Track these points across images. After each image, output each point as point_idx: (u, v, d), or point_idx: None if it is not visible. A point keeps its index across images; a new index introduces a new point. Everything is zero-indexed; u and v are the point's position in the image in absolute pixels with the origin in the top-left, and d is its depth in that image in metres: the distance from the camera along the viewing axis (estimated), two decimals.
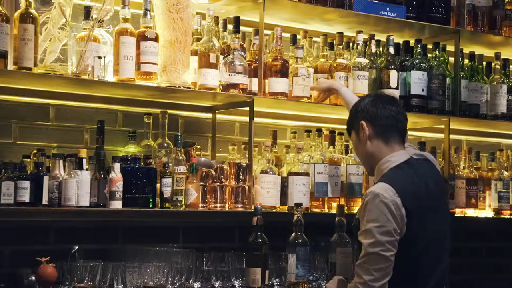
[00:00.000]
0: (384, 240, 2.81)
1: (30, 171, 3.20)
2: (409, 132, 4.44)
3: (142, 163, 3.35)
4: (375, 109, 3.05)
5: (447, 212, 3.16)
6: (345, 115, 4.05)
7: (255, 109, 3.64)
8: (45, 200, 3.12)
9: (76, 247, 3.25)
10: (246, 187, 3.58)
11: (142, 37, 3.34)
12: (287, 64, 3.71)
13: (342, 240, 3.54)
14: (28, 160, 3.25)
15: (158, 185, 3.36)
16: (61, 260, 3.19)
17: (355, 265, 2.91)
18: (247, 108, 3.63)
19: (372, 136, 3.04)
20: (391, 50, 4.07)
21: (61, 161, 3.18)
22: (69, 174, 3.15)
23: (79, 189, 3.15)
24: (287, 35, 3.91)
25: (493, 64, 4.48)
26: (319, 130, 3.94)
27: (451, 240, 3.08)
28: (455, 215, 4.18)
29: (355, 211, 3.89)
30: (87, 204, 3.18)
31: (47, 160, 3.24)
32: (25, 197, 3.08)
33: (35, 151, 3.26)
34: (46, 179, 3.13)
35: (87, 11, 3.25)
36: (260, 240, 3.41)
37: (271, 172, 3.67)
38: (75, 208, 3.14)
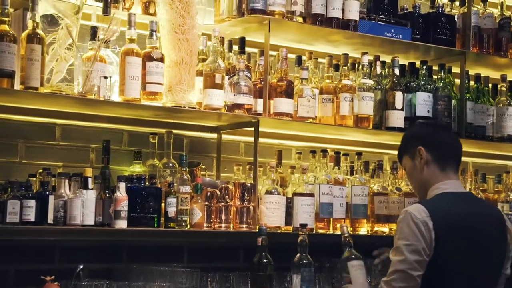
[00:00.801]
0: (413, 259, 2.80)
1: (36, 190, 3.21)
2: None
3: (147, 183, 3.36)
4: (433, 135, 3.05)
5: (499, 257, 2.95)
6: (350, 136, 4.09)
7: (260, 129, 3.65)
8: (50, 219, 3.13)
9: (81, 266, 3.25)
10: (251, 207, 3.58)
11: (148, 58, 3.36)
12: (292, 84, 3.73)
13: (351, 255, 3.50)
14: (34, 179, 3.26)
15: (163, 204, 3.37)
16: (66, 279, 3.20)
17: (382, 280, 2.89)
18: (252, 129, 3.65)
19: (430, 162, 3.00)
20: (397, 71, 4.08)
21: (67, 180, 3.19)
22: (75, 193, 3.16)
23: (84, 208, 3.16)
24: (292, 56, 3.93)
25: (499, 86, 4.49)
26: (324, 151, 3.95)
27: None
28: None
29: (361, 232, 3.90)
30: (92, 223, 3.19)
31: (53, 179, 3.26)
32: (31, 216, 3.08)
33: (41, 170, 3.28)
34: (51, 198, 3.14)
35: (94, 31, 3.28)
36: (265, 260, 3.41)
37: (276, 193, 3.68)
38: (80, 227, 3.15)
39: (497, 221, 2.99)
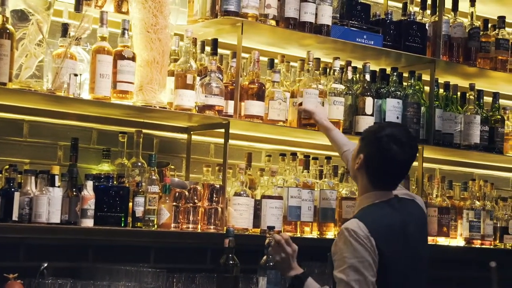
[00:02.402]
0: (370, 274, 2.76)
1: (1, 186, 3.17)
2: None
3: (115, 182, 3.35)
4: (382, 155, 2.86)
5: (426, 254, 3.01)
6: (319, 140, 4.11)
7: (231, 131, 3.65)
8: (15, 216, 3.09)
9: (45, 265, 3.22)
10: (219, 209, 3.58)
11: (119, 56, 3.35)
12: (263, 87, 3.74)
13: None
14: (0, 175, 3.23)
15: (130, 204, 3.36)
16: (30, 277, 3.17)
17: None
18: (223, 130, 3.65)
19: (364, 173, 2.92)
20: (367, 77, 4.11)
21: (33, 177, 3.16)
22: (41, 190, 3.13)
23: (50, 206, 3.13)
24: (264, 59, 3.94)
25: (467, 94, 4.54)
26: (293, 154, 3.97)
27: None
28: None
29: (328, 236, 3.91)
30: (58, 221, 3.16)
31: (19, 176, 3.22)
32: None
33: (7, 166, 3.24)
34: (17, 195, 3.10)
35: (65, 28, 3.25)
36: (231, 262, 3.40)
37: (244, 195, 3.68)
38: (46, 225, 3.12)
39: (421, 219, 3.04)
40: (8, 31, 3.08)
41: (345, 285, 2.76)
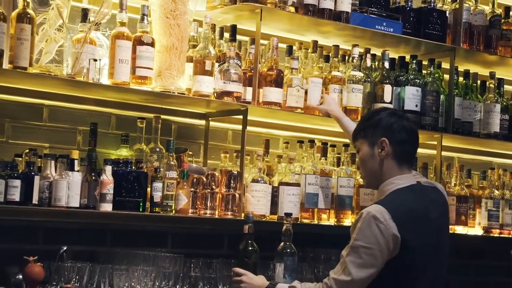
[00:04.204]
0: (368, 262, 2.77)
1: (22, 170, 3.20)
2: None
3: (133, 167, 3.37)
4: (400, 131, 2.94)
5: (447, 241, 3.02)
6: (338, 127, 4.09)
7: (249, 117, 3.65)
8: (35, 200, 3.13)
9: (65, 248, 3.25)
10: (237, 195, 3.59)
11: (138, 42, 3.36)
12: (282, 74, 3.73)
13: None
14: (20, 159, 3.26)
15: (148, 189, 3.37)
16: (49, 260, 3.20)
17: (332, 277, 2.83)
18: (241, 117, 3.65)
19: (389, 156, 2.94)
20: (386, 64, 4.09)
21: (53, 162, 3.19)
22: (60, 174, 3.16)
23: (69, 190, 3.16)
24: (283, 45, 3.93)
25: (487, 83, 4.51)
26: (311, 141, 3.96)
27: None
28: None
29: (345, 223, 3.91)
30: (77, 205, 3.19)
31: (39, 160, 3.25)
32: (16, 195, 3.08)
33: (27, 150, 3.27)
34: (37, 179, 3.14)
35: (85, 13, 3.27)
36: (250, 248, 3.41)
37: (262, 181, 3.68)
38: (65, 209, 3.15)
39: (443, 206, 3.04)
40: (28, 15, 3.11)
41: (343, 262, 2.80)
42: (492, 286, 4.88)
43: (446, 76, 4.39)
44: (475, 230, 4.46)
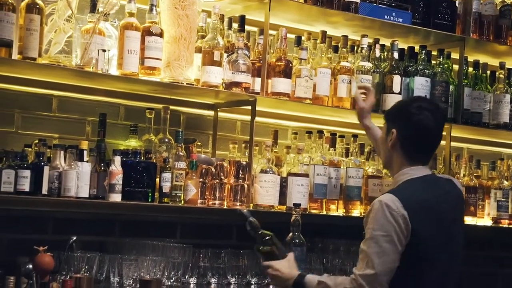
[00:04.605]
0: (390, 250, 2.75)
1: (31, 160, 3.21)
2: None
3: (142, 157, 3.37)
4: (413, 126, 2.88)
5: (461, 233, 2.99)
6: (346, 118, 4.10)
7: (257, 108, 3.65)
8: (44, 190, 3.14)
9: (74, 238, 3.26)
10: (245, 186, 3.59)
11: (147, 32, 3.36)
12: (290, 64, 3.73)
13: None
14: (30, 149, 3.27)
15: (157, 179, 3.38)
16: (59, 250, 3.22)
17: (355, 273, 2.79)
18: (249, 107, 3.65)
19: (398, 148, 2.92)
20: (395, 55, 4.08)
21: (62, 152, 3.20)
22: (70, 165, 3.17)
23: (79, 180, 3.17)
24: (291, 36, 3.93)
25: (497, 73, 4.49)
26: (320, 132, 3.96)
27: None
28: None
29: (353, 214, 3.91)
30: (87, 195, 3.20)
31: (48, 150, 3.26)
32: (25, 186, 3.10)
33: (37, 141, 3.28)
34: (46, 169, 3.15)
35: (93, 4, 3.27)
36: (263, 239, 3.35)
37: (270, 172, 3.69)
38: (74, 199, 3.17)
39: (457, 198, 3.02)
40: (37, 6, 3.11)
41: (364, 255, 2.77)
42: (501, 277, 4.88)
43: (456, 67, 4.37)
44: (484, 220, 4.45)
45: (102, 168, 3.25)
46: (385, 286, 2.77)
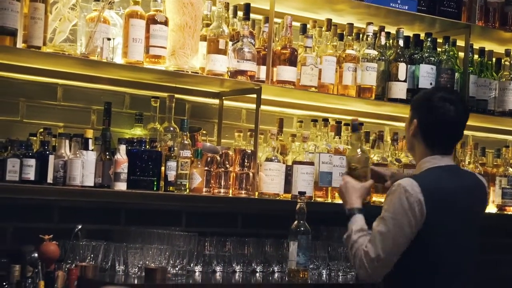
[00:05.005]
0: (397, 234, 2.79)
1: (36, 149, 3.21)
2: None
3: (147, 146, 3.37)
4: (435, 117, 2.90)
5: (477, 228, 2.99)
6: (351, 106, 4.09)
7: (262, 96, 3.65)
8: (50, 179, 3.14)
9: (79, 227, 3.27)
10: (251, 174, 3.59)
11: (151, 20, 3.35)
12: (296, 53, 3.72)
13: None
14: (35, 138, 3.27)
15: (162, 168, 3.38)
16: (64, 238, 3.22)
17: (363, 249, 2.85)
18: (255, 96, 3.64)
19: (419, 138, 2.94)
20: (401, 42, 4.07)
21: (67, 141, 3.20)
22: (75, 154, 3.17)
23: (84, 169, 3.17)
24: (297, 24, 3.91)
25: (502, 60, 4.47)
26: (325, 120, 3.95)
27: None
28: None
29: None
30: (92, 184, 3.20)
31: (53, 139, 3.26)
32: (30, 175, 3.10)
33: (42, 129, 3.28)
34: (51, 158, 3.15)
35: None
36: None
37: (276, 160, 3.69)
38: (80, 188, 3.17)
39: (480, 192, 3.02)
40: None
41: (373, 235, 2.84)
42: (507, 263, 4.87)
43: (461, 54, 4.35)
44: (489, 208, 4.43)
45: (107, 156, 3.25)
46: (388, 266, 2.82)
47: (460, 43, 4.33)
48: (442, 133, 2.93)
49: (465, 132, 4.58)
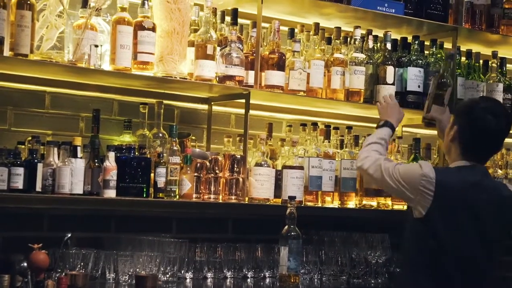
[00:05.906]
0: (399, 176, 3.00)
1: (25, 158, 3.19)
2: (404, 129, 4.48)
3: (136, 153, 3.36)
4: (475, 127, 2.98)
5: (491, 233, 2.98)
6: (340, 109, 4.09)
7: (251, 101, 3.64)
8: (38, 187, 3.12)
9: (69, 235, 3.24)
10: (240, 179, 3.58)
11: (139, 27, 3.34)
12: (284, 57, 3.72)
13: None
14: (23, 146, 3.25)
15: (152, 175, 3.37)
16: (54, 247, 3.20)
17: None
18: (243, 100, 3.64)
19: (456, 142, 3.02)
20: (389, 46, 4.07)
21: (56, 149, 3.18)
22: (63, 161, 3.16)
23: (73, 177, 3.16)
24: (284, 28, 3.91)
25: (490, 62, 4.49)
26: (314, 124, 3.96)
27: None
28: None
29: (349, 205, 3.91)
30: (81, 192, 3.19)
31: (42, 147, 3.24)
32: (19, 183, 3.08)
33: (30, 138, 3.26)
34: (40, 166, 3.13)
35: None
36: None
37: (265, 165, 3.68)
38: (69, 195, 3.15)
39: (501, 195, 3.00)
40: (28, 2, 3.09)
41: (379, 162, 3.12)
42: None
43: None
44: None
45: (96, 164, 3.23)
46: (382, 187, 3.24)
47: (448, 45, 4.34)
48: (479, 143, 2.99)
49: None
